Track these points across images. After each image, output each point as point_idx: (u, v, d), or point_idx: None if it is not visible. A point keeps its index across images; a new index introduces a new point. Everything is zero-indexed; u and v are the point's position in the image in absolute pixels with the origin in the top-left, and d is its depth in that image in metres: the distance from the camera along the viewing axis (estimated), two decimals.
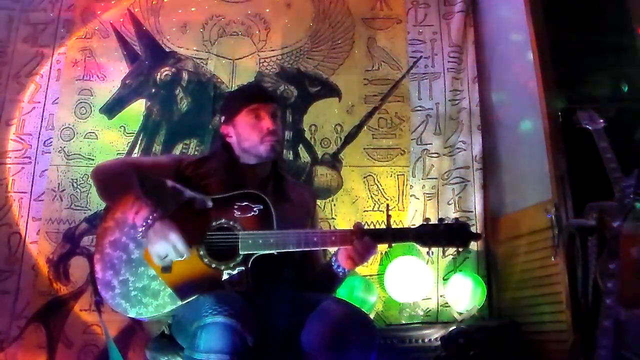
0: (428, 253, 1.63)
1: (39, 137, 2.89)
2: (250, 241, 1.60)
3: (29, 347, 2.59)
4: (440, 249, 1.66)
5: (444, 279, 2.77)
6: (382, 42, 3.11)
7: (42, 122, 2.91)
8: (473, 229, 2.75)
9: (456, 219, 1.65)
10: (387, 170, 2.93)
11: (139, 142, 2.91)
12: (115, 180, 1.69)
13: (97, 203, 2.76)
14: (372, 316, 2.61)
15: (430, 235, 1.60)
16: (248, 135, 1.77)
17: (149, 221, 1.55)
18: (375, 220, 2.85)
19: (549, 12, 2.41)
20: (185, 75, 3.02)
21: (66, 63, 3.00)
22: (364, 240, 1.60)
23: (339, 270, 1.66)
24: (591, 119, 1.96)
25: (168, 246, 1.54)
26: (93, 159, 2.85)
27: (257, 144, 1.76)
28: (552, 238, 2.16)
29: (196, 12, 3.12)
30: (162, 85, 3.01)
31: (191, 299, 1.56)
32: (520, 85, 2.62)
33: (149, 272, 1.60)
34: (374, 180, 2.91)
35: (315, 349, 1.48)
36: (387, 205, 1.99)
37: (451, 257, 2.78)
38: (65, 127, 2.91)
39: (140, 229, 1.56)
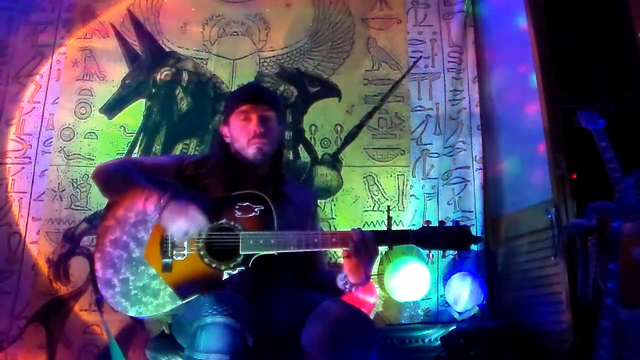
0: (428, 255, 1.63)
1: (39, 137, 2.89)
2: (251, 241, 1.60)
3: (29, 347, 2.59)
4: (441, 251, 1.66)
5: (443, 279, 2.77)
6: (382, 42, 3.11)
7: (42, 122, 2.91)
8: (473, 229, 2.75)
9: (457, 221, 1.64)
10: (387, 170, 2.93)
11: (139, 142, 2.92)
12: (118, 175, 1.70)
13: (97, 203, 2.76)
14: (372, 316, 2.61)
15: (431, 237, 1.60)
16: (237, 137, 1.77)
17: (162, 202, 1.56)
18: (375, 220, 2.85)
19: (549, 12, 2.42)
20: (185, 75, 3.02)
21: (66, 63, 3.01)
22: (359, 231, 1.58)
23: (346, 287, 1.65)
24: (591, 119, 1.97)
25: (187, 220, 1.55)
26: (93, 159, 2.86)
27: (244, 146, 1.75)
28: (552, 238, 2.16)
29: (196, 12, 3.12)
30: (162, 85, 3.01)
31: (191, 298, 1.56)
32: (520, 85, 2.62)
33: (149, 271, 1.60)
34: (374, 180, 2.91)
35: (316, 348, 1.48)
36: (388, 207, 1.97)
37: (451, 257, 2.78)
38: (65, 127, 2.91)
39: (154, 214, 1.57)
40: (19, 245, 2.73)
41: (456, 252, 1.62)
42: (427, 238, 1.60)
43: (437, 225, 1.62)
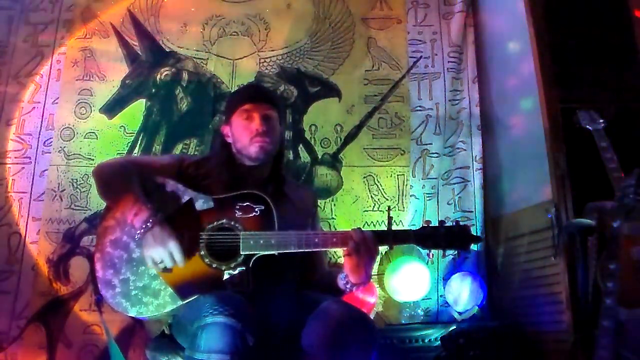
0: (428, 255, 1.63)
1: (39, 137, 2.89)
2: (251, 242, 1.60)
3: (29, 347, 2.59)
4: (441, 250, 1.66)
5: (443, 279, 2.77)
6: (382, 42, 3.11)
7: (42, 122, 2.91)
8: (473, 229, 2.75)
9: (457, 221, 1.65)
10: (387, 170, 2.93)
11: (139, 142, 2.91)
12: (116, 180, 1.69)
13: (97, 203, 2.76)
14: (372, 316, 2.61)
15: (431, 237, 1.61)
16: (239, 136, 1.77)
17: (148, 224, 1.55)
18: (375, 220, 2.85)
19: (549, 12, 2.42)
20: (185, 75, 3.02)
21: (66, 63, 3.01)
22: (360, 231, 1.59)
23: (347, 286, 1.65)
24: (591, 119, 1.97)
25: (164, 253, 1.55)
26: (93, 159, 2.85)
27: (247, 145, 1.75)
28: (552, 238, 2.16)
29: (196, 12, 3.12)
30: (162, 85, 3.01)
31: (192, 298, 1.56)
32: (520, 85, 2.62)
33: (149, 271, 1.60)
34: (374, 180, 2.91)
35: (316, 348, 1.48)
36: (389, 207, 1.98)
37: (451, 257, 2.77)
38: (65, 127, 2.91)
39: (138, 231, 1.56)
40: (19, 245, 2.73)
41: (456, 251, 1.63)
42: (427, 238, 1.61)
43: (438, 225, 1.63)
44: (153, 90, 3.00)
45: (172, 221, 1.60)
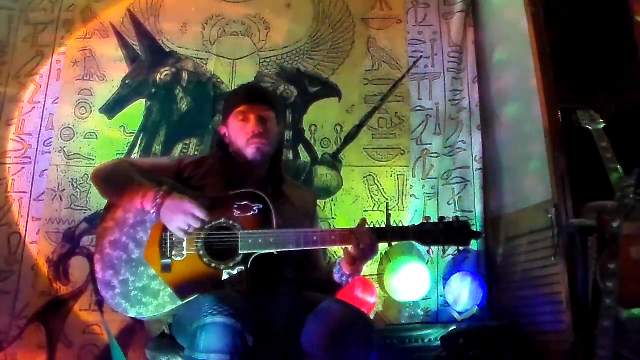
0: (428, 252, 1.63)
1: (39, 137, 2.89)
2: (250, 241, 1.60)
3: (29, 347, 2.59)
4: (441, 248, 1.66)
5: (443, 279, 2.77)
6: (382, 42, 3.11)
7: (42, 122, 2.90)
8: (473, 229, 2.75)
9: (457, 217, 1.65)
10: (387, 170, 2.93)
11: (139, 142, 2.91)
12: (115, 175, 1.71)
13: (97, 203, 2.76)
14: (372, 316, 2.61)
15: (430, 233, 1.61)
16: (236, 138, 1.78)
17: (158, 200, 1.56)
18: (375, 220, 2.81)
19: (549, 12, 2.42)
20: (185, 75, 3.02)
21: (66, 63, 3.00)
22: (365, 231, 1.59)
23: (342, 279, 1.66)
24: (591, 119, 1.97)
25: (186, 217, 1.55)
26: (93, 159, 2.85)
27: (244, 147, 1.76)
28: (552, 238, 2.16)
29: (196, 12, 3.12)
30: (162, 85, 3.00)
31: (191, 298, 1.56)
32: (520, 85, 2.62)
33: (149, 271, 1.60)
34: (374, 180, 2.91)
35: (316, 348, 1.48)
36: (387, 204, 1.99)
37: (451, 257, 2.78)
38: (65, 127, 2.91)
39: (152, 212, 1.57)
40: (19, 245, 2.73)
41: (456, 248, 1.63)
42: (426, 234, 1.61)
43: (437, 221, 1.62)
44: (153, 90, 3.00)
45: None
